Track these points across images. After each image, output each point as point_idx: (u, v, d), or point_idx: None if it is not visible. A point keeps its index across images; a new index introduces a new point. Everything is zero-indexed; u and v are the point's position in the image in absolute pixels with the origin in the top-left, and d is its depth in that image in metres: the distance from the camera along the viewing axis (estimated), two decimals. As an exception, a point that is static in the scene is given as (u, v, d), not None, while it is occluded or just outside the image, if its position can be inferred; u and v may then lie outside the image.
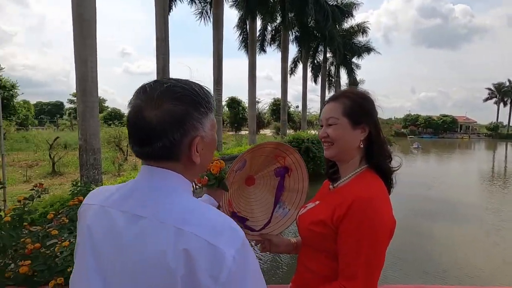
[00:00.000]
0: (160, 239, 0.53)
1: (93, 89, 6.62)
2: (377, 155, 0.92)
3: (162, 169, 0.61)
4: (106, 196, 0.64)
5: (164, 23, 9.80)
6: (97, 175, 6.73)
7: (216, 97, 12.98)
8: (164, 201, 0.58)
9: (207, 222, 0.56)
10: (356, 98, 0.95)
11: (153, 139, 0.59)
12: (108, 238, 0.59)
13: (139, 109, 0.59)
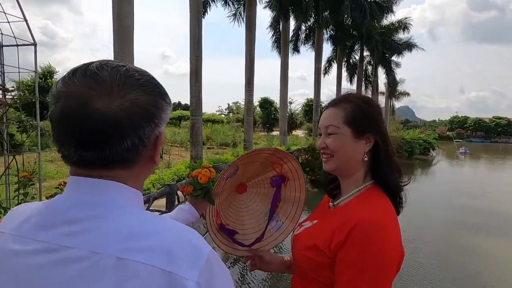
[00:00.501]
0: (94, 277, 0.40)
1: (130, 91, 7.03)
2: (385, 170, 0.81)
3: (105, 181, 0.47)
4: (21, 220, 0.48)
5: (198, 26, 10.08)
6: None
7: (248, 97, 13.09)
8: (101, 223, 0.44)
9: (160, 242, 0.43)
10: (360, 103, 0.83)
11: (114, 138, 0.45)
12: (18, 279, 0.44)
13: (88, 100, 0.43)
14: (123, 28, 6.79)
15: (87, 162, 0.46)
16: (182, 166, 9.27)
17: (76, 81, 0.45)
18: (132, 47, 7.02)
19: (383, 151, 0.81)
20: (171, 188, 5.04)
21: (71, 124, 0.44)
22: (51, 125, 0.47)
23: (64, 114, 0.44)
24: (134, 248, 0.42)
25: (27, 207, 0.51)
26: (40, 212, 0.47)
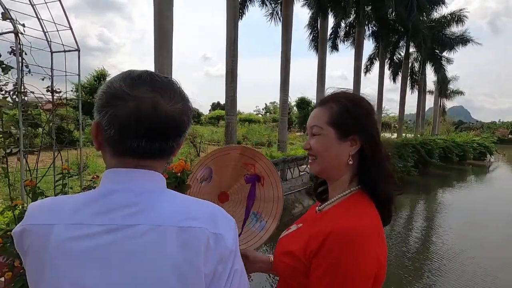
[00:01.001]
0: (162, 242, 0.52)
1: (168, 92, 7.43)
2: (372, 175, 0.75)
3: (146, 171, 0.58)
4: (71, 211, 0.55)
5: (234, 27, 10.29)
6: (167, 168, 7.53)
7: (283, 97, 13.03)
8: (154, 204, 0.56)
9: (202, 214, 0.58)
10: (346, 103, 0.79)
11: (172, 134, 0.58)
12: (89, 259, 0.52)
13: (156, 102, 0.55)
14: (163, 32, 7.19)
15: (152, 153, 0.58)
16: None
17: (146, 87, 0.56)
18: (171, 51, 7.40)
19: (370, 154, 0.76)
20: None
21: (143, 122, 0.54)
22: (119, 121, 0.54)
23: (136, 113, 0.54)
24: (188, 218, 0.56)
25: (61, 200, 0.59)
26: (93, 201, 0.56)
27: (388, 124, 31.73)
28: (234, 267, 0.59)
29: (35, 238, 0.54)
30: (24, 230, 0.55)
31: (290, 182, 9.17)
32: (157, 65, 7.26)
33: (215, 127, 29.54)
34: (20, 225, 0.56)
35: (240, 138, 19.10)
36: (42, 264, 0.53)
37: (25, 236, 0.55)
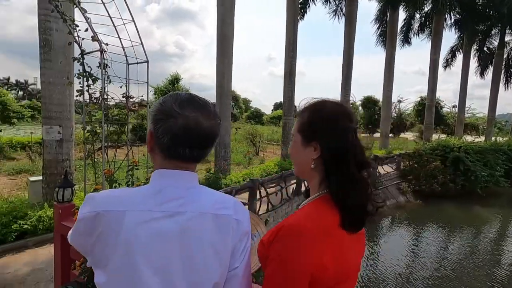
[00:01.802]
0: (205, 225, 0.71)
1: (227, 95, 7.93)
2: (334, 180, 0.76)
3: (190, 172, 0.75)
4: (134, 203, 0.69)
5: (293, 29, 10.34)
6: (226, 165, 8.05)
7: (344, 96, 12.53)
8: (195, 197, 0.73)
9: (229, 202, 0.77)
10: (311, 110, 0.82)
11: (209, 144, 0.76)
12: (155, 237, 0.67)
13: (199, 119, 0.72)
14: (224, 39, 7.71)
15: (194, 158, 0.75)
16: (271, 163, 9.77)
17: (193, 106, 0.73)
18: (231, 55, 7.88)
19: (329, 160, 0.78)
20: (253, 182, 5.49)
21: (191, 133, 0.71)
22: (172, 133, 0.70)
23: (184, 128, 0.70)
24: (220, 208, 0.74)
25: (122, 193, 0.74)
26: (154, 194, 0.71)
27: (474, 125, 27.36)
28: (247, 245, 0.77)
29: (109, 222, 0.66)
30: (98, 214, 0.67)
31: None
32: (219, 68, 7.83)
33: (276, 126, 29.88)
34: (91, 210, 0.68)
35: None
36: (113, 242, 0.66)
37: (99, 219, 0.67)
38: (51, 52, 4.50)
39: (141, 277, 0.65)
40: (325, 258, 0.70)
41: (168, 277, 0.67)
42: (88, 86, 3.13)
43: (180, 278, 0.67)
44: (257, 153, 15.33)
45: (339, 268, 0.74)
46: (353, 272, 0.81)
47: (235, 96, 47.38)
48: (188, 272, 0.68)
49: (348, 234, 0.77)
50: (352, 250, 0.79)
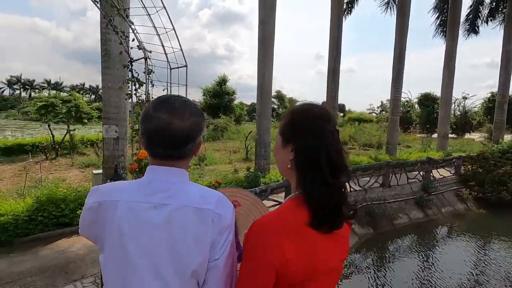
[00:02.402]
0: (186, 217, 0.77)
1: (268, 95, 8.02)
2: (305, 181, 0.79)
3: (175, 168, 0.82)
4: (129, 194, 0.79)
5: (338, 26, 10.00)
6: (266, 164, 8.15)
7: (394, 94, 11.70)
8: (181, 190, 0.80)
9: (212, 197, 0.81)
10: (290, 113, 0.86)
11: (182, 144, 0.80)
12: (139, 227, 0.76)
13: (170, 121, 0.77)
14: (265, 39, 7.82)
15: (170, 156, 0.81)
16: (312, 163, 9.59)
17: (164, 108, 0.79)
18: (272, 55, 7.96)
19: (301, 161, 0.81)
20: (289, 182, 5.49)
21: (162, 135, 0.78)
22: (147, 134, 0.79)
23: (155, 129, 0.77)
24: (203, 202, 0.79)
25: (120, 185, 0.84)
26: (144, 187, 0.80)
27: None
28: (228, 239, 0.80)
29: (106, 210, 0.79)
30: (101, 203, 0.79)
31: (394, 189, 8.23)
32: (260, 68, 7.98)
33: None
34: (95, 200, 0.80)
35: (346, 138, 18.22)
36: (109, 227, 0.77)
37: (101, 208, 0.79)
38: (109, 60, 5.10)
39: (130, 259, 0.76)
40: (288, 253, 0.74)
41: (154, 260, 0.76)
42: (136, 90, 3.51)
43: (165, 263, 0.76)
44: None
45: (307, 265, 0.77)
46: (326, 270, 0.82)
47: (281, 95, 47.40)
48: (172, 258, 0.76)
49: (321, 234, 0.80)
50: (326, 249, 0.81)
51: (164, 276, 0.75)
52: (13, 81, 64.99)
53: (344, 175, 0.82)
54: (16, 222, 4.10)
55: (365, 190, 7.76)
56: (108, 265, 0.79)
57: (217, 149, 15.60)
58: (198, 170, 9.56)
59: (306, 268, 0.77)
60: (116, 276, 0.78)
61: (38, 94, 43.79)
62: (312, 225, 0.78)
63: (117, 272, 0.77)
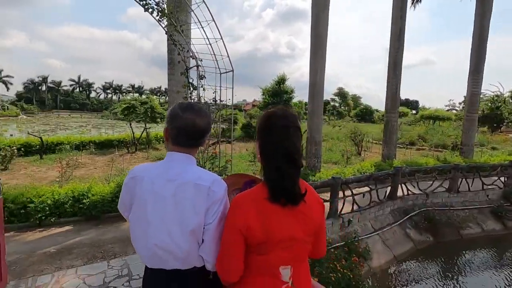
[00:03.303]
0: (196, 191, 1.08)
1: (319, 94, 8.02)
2: (264, 168, 1.05)
3: (187, 155, 1.15)
4: (151, 171, 1.14)
5: (401, 14, 9.31)
6: (317, 163, 8.18)
7: (471, 89, 10.31)
8: (187, 171, 1.12)
9: (214, 179, 1.11)
10: (259, 117, 1.11)
11: (200, 136, 1.15)
12: (162, 193, 1.09)
13: (194, 120, 1.13)
14: (317, 37, 7.83)
15: (190, 145, 1.14)
16: (368, 163, 9.16)
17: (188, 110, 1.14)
18: (324, 53, 7.92)
19: (262, 153, 1.06)
20: (334, 180, 5.48)
21: (188, 129, 1.12)
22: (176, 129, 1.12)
23: (186, 125, 1.11)
24: (200, 180, 1.09)
25: (148, 165, 1.17)
26: (162, 167, 1.13)
27: None
28: (219, 209, 1.10)
29: (136, 182, 1.13)
30: (133, 178, 1.14)
31: (463, 195, 7.35)
32: (312, 67, 8.03)
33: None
34: (130, 176, 1.15)
35: (413, 138, 16.65)
36: (137, 194, 1.11)
37: (133, 181, 1.14)
38: (174, 68, 5.88)
39: (148, 217, 1.10)
40: (250, 220, 1.01)
41: (165, 220, 1.09)
42: (190, 93, 4.08)
43: (172, 222, 1.08)
44: (359, 153, 14.49)
45: (267, 230, 1.02)
46: (284, 238, 1.04)
47: (343, 93, 45.37)
48: (177, 219, 1.08)
49: (281, 209, 1.03)
50: (284, 221, 1.04)
51: (171, 232, 1.08)
52: (107, 86, 76.97)
53: (297, 162, 1.05)
54: (103, 201, 5.12)
55: (426, 194, 7.14)
56: (134, 221, 1.15)
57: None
58: (252, 167, 10.08)
59: (263, 233, 1.01)
60: (139, 228, 1.13)
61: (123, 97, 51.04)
62: (268, 199, 1.02)
63: (139, 226, 1.13)
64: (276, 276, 1.06)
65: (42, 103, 63.90)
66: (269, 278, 1.06)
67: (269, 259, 1.05)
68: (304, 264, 1.14)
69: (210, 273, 1.13)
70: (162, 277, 1.13)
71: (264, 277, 1.06)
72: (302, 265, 1.13)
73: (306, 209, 1.08)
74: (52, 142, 11.73)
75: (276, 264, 1.06)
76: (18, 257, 3.62)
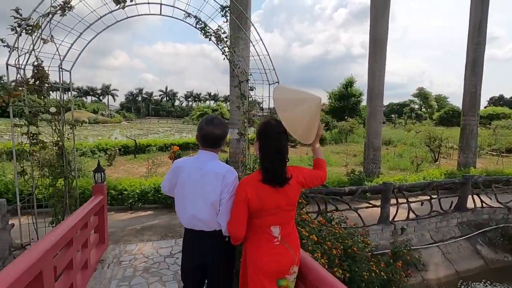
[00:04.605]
0: (214, 177, 1.64)
1: (378, 97, 7.81)
2: (261, 160, 1.51)
3: (211, 153, 1.70)
4: (189, 162, 1.70)
5: (481, 9, 8.28)
6: (375, 168, 7.95)
7: None
8: (210, 163, 1.67)
9: (227, 170, 1.66)
10: (259, 124, 1.58)
11: (218, 142, 1.73)
12: (194, 178, 1.65)
13: (212, 130, 1.67)
14: (375, 39, 7.66)
15: (211, 147, 1.75)
16: (438, 171, 8.35)
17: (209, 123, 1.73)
18: (384, 56, 7.68)
19: (261, 150, 1.51)
20: (386, 186, 5.38)
21: (209, 137, 1.72)
22: (202, 137, 1.71)
23: (208, 134, 1.71)
24: (218, 169, 1.69)
25: (188, 158, 1.78)
26: (194, 160, 1.75)
27: None
28: (230, 189, 1.61)
29: (178, 170, 1.72)
30: (178, 166, 1.73)
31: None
32: (370, 71, 7.88)
33: (485, 128, 23.17)
34: (174, 166, 1.74)
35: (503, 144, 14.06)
36: (180, 178, 1.70)
37: (176, 169, 1.73)
38: (234, 80, 6.69)
39: (185, 192, 1.69)
40: (249, 194, 1.51)
41: (194, 195, 1.66)
42: (242, 103, 4.73)
43: (199, 196, 1.66)
44: (435, 160, 13.08)
45: (260, 201, 1.50)
46: (273, 207, 1.51)
47: (424, 93, 40.40)
48: (202, 195, 1.65)
49: (271, 189, 1.50)
50: (272, 196, 1.51)
51: (198, 202, 1.66)
52: (188, 95, 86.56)
53: (284, 156, 1.52)
54: (175, 193, 6.22)
55: (508, 209, 6.24)
56: (176, 196, 1.76)
57: (337, 151, 15.69)
58: (311, 170, 10.27)
59: (258, 203, 1.50)
60: (180, 201, 1.74)
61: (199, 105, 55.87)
62: (262, 181, 1.51)
63: (180, 199, 1.74)
64: (269, 233, 1.53)
65: (138, 111, 75.73)
66: (265, 234, 1.54)
67: (263, 221, 1.53)
68: (290, 227, 1.60)
69: (227, 237, 1.66)
70: (192, 234, 1.71)
71: (261, 234, 1.55)
72: (289, 227, 1.59)
73: (289, 188, 1.53)
74: (143, 144, 14.16)
75: (269, 224, 1.53)
76: (115, 230, 4.83)
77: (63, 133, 3.64)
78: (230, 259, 1.76)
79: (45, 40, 3.45)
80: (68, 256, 2.51)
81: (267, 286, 1.49)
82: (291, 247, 1.55)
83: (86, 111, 46.98)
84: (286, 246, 1.53)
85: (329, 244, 3.22)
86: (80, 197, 4.55)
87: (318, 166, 1.75)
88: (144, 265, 3.47)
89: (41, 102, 3.63)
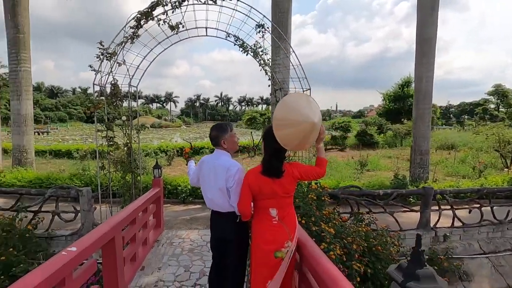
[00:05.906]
0: (221, 169, 2.17)
1: (426, 99, 7.48)
2: (263, 156, 1.94)
3: (222, 150, 2.27)
4: (208, 158, 2.32)
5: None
6: (422, 173, 7.58)
7: None
8: (221, 159, 2.22)
9: (231, 164, 2.16)
10: (265, 128, 2.00)
11: (214, 140, 2.28)
12: (209, 169, 2.24)
13: (211, 133, 2.29)
14: (423, 40, 7.35)
15: (214, 145, 2.35)
16: (499, 179, 7.49)
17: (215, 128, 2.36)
18: (432, 56, 7.33)
19: (265, 148, 1.94)
20: (425, 191, 5.23)
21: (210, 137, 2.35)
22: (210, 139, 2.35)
23: (212, 136, 2.33)
24: (226, 163, 2.23)
25: (207, 156, 2.40)
26: (212, 155, 2.38)
27: None
28: (234, 178, 2.12)
29: (202, 163, 2.36)
30: (202, 161, 2.38)
31: None
32: (417, 72, 7.58)
33: None
34: (200, 161, 2.39)
35: None
36: (202, 169, 2.34)
37: (202, 162, 2.37)
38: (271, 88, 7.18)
39: (206, 179, 2.29)
40: (250, 181, 1.99)
41: (210, 182, 2.23)
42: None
43: (213, 183, 2.21)
44: (507, 166, 11.59)
45: (259, 188, 1.96)
46: (270, 193, 1.94)
47: (502, 91, 34.87)
48: (214, 181, 2.20)
49: (269, 179, 1.94)
50: (269, 185, 1.94)
51: (212, 189, 2.21)
52: (241, 99, 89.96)
53: (282, 154, 1.95)
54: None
55: None
56: (201, 184, 2.35)
57: (388, 155, 14.95)
58: (355, 174, 10.14)
59: (257, 188, 1.96)
60: (203, 188, 2.32)
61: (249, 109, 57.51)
62: (261, 173, 1.96)
63: (203, 187, 2.32)
64: (268, 213, 1.98)
65: (196, 116, 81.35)
66: (265, 214, 1.99)
67: (263, 203, 1.99)
68: (287, 210, 2.01)
69: (238, 217, 2.15)
70: (213, 214, 2.27)
71: (263, 214, 2.00)
72: (286, 211, 2.00)
73: (284, 180, 1.95)
74: (198, 146, 15.52)
75: (267, 206, 1.98)
76: (169, 219, 5.70)
77: (131, 136, 4.58)
78: (244, 238, 2.25)
79: (120, 63, 4.43)
80: (132, 231, 3.28)
81: (266, 254, 1.92)
82: (288, 226, 1.96)
83: (152, 117, 52.77)
84: (282, 225, 1.94)
85: (349, 239, 3.46)
86: (144, 190, 5.51)
87: (318, 164, 2.11)
88: (190, 247, 4.16)
89: (115, 112, 4.64)
